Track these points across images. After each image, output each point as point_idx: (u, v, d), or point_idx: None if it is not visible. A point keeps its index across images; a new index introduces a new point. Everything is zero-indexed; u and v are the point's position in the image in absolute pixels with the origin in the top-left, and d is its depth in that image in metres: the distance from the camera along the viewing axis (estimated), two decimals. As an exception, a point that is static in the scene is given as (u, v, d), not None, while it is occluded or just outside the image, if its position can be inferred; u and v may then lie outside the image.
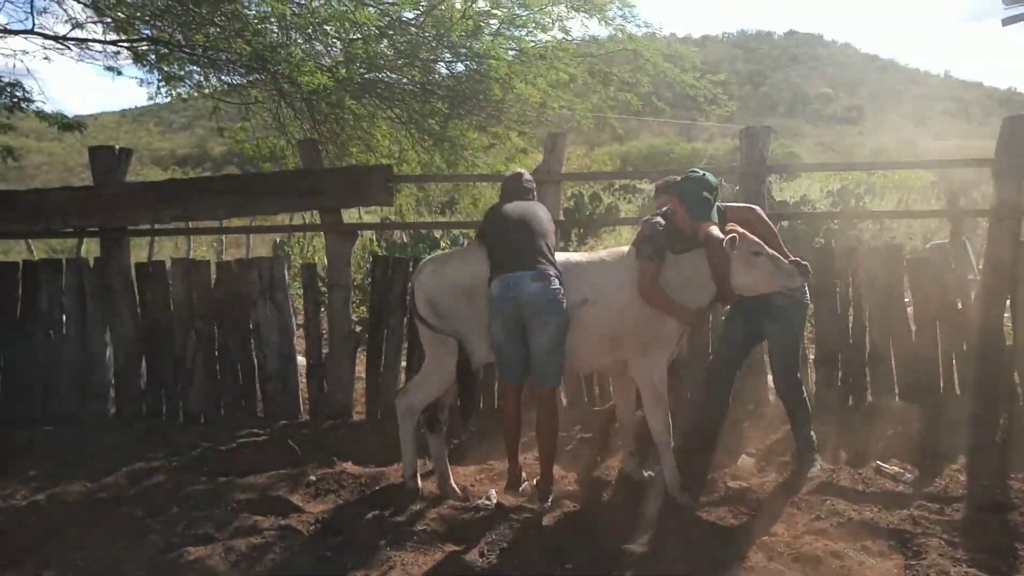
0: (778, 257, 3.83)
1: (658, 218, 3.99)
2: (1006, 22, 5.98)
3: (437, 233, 11.07)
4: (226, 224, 6.87)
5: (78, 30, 7.68)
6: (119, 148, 5.82)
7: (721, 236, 3.76)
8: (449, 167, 8.06)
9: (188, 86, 8.44)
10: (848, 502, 3.88)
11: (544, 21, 7.32)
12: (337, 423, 5.45)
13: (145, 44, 7.75)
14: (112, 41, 7.71)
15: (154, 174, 25.47)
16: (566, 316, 3.83)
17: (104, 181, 5.70)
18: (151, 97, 8.37)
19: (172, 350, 5.71)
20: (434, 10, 7.18)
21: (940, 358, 5.23)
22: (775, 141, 5.72)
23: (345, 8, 6.99)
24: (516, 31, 7.49)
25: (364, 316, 7.71)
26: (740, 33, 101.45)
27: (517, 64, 7.37)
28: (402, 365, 5.59)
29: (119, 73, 8.14)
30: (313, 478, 4.43)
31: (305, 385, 5.82)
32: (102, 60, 8.00)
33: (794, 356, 4.36)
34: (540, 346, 3.83)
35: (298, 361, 5.83)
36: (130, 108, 55.21)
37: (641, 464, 4.33)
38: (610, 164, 24.34)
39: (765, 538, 3.49)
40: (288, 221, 12.02)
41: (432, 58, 7.84)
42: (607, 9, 7.31)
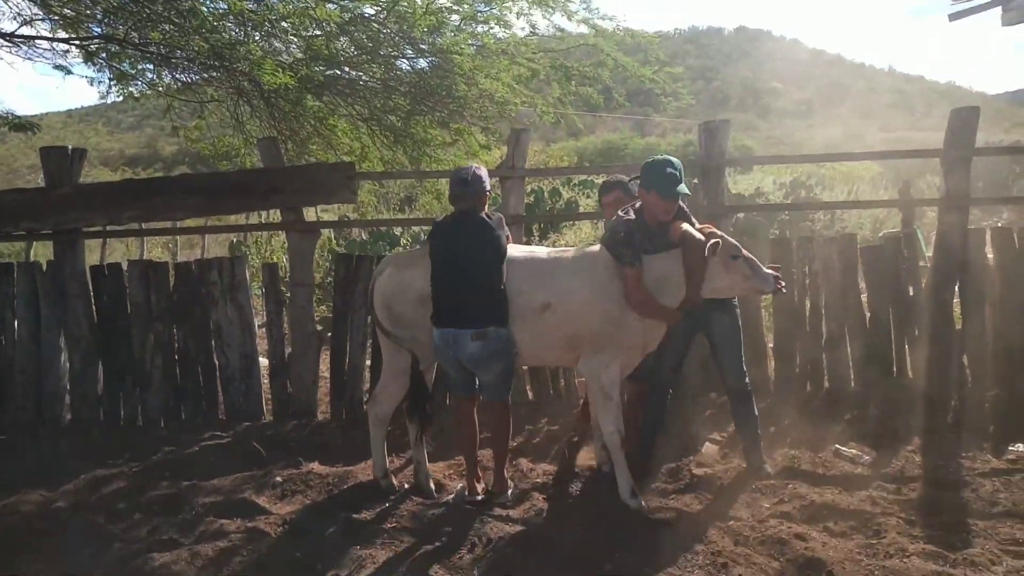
0: (755, 260, 3.73)
1: (629, 214, 3.81)
2: (953, 17, 6.15)
3: (397, 230, 11.03)
4: (182, 224, 6.75)
5: (27, 27, 7.45)
6: (72, 148, 5.68)
7: (701, 238, 3.66)
8: (412, 163, 8.01)
9: (141, 84, 8.24)
10: (810, 485, 3.99)
11: (506, 17, 7.31)
12: (302, 423, 5.41)
13: (96, 42, 7.54)
14: (63, 39, 7.48)
15: (104, 175, 24.80)
16: (511, 358, 3.84)
17: (57, 182, 5.55)
18: (102, 96, 8.14)
19: (130, 353, 5.59)
20: (396, 6, 7.11)
21: (893, 343, 5.40)
22: (727, 135, 5.80)
23: (305, 4, 6.89)
24: (478, 27, 7.45)
25: (325, 315, 7.65)
26: (691, 29, 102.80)
27: (480, 59, 7.36)
28: (366, 363, 5.56)
29: (69, 72, 7.91)
30: (279, 479, 4.37)
31: (268, 385, 5.76)
32: (51, 59, 7.77)
33: (740, 349, 4.30)
34: (486, 380, 3.87)
35: (260, 362, 5.76)
36: (76, 108, 53.75)
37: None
38: (567, 159, 24.40)
39: (731, 523, 3.57)
40: (245, 220, 11.82)
41: (394, 54, 7.77)
42: (569, 3, 7.33)
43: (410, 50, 7.78)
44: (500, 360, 3.79)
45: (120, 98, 8.60)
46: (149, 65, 7.84)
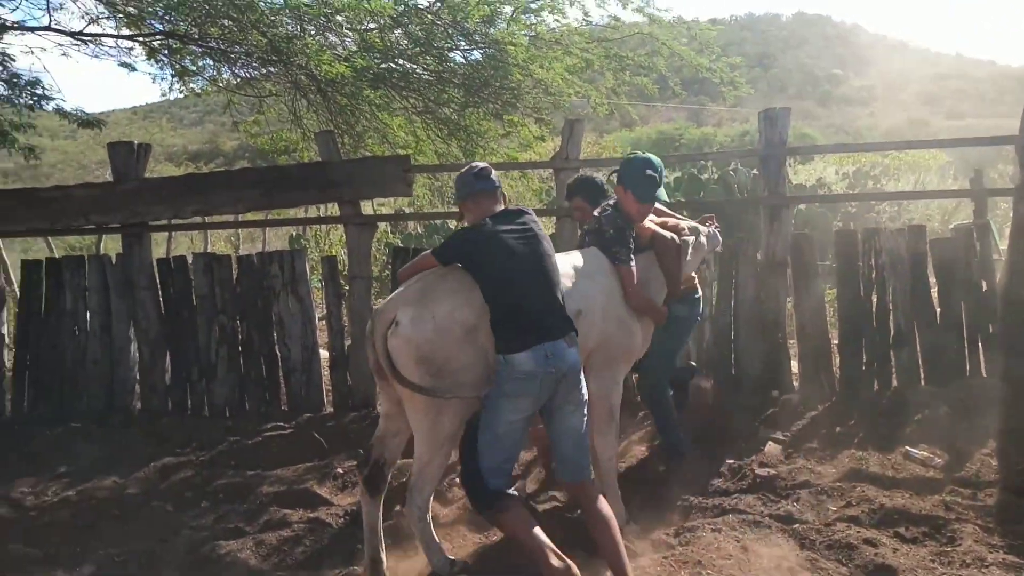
0: (695, 226, 3.91)
1: (608, 210, 3.60)
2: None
3: (452, 223, 11.05)
4: (243, 218, 6.88)
5: (93, 25, 7.70)
6: (138, 143, 5.84)
7: (670, 237, 3.67)
8: (466, 156, 8.03)
9: (202, 80, 8.46)
10: (878, 488, 3.85)
11: (560, 5, 7.26)
12: (362, 414, 5.46)
13: (158, 39, 7.75)
14: (127, 36, 7.72)
15: (168, 170, 25.50)
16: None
17: (124, 177, 5.72)
18: (164, 93, 8.40)
19: (196, 344, 5.74)
20: (449, -3, 7.14)
21: (966, 340, 5.18)
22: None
23: (359, -3, 6.96)
24: (531, 17, 7.42)
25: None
26: (748, 16, 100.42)
27: (533, 50, 7.32)
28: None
29: (133, 69, 8.19)
30: (340, 470, 4.45)
31: (328, 377, 5.84)
32: (116, 56, 8.03)
33: (668, 364, 4.22)
34: (572, 429, 3.04)
35: (321, 354, 5.85)
36: (141, 105, 55.44)
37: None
38: (620, 151, 24.17)
39: (796, 526, 3.46)
40: (304, 214, 12.01)
41: (448, 46, 7.79)
42: None
43: (463, 41, 7.79)
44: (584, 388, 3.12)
45: (182, 94, 8.84)
46: (209, 61, 8.06)
